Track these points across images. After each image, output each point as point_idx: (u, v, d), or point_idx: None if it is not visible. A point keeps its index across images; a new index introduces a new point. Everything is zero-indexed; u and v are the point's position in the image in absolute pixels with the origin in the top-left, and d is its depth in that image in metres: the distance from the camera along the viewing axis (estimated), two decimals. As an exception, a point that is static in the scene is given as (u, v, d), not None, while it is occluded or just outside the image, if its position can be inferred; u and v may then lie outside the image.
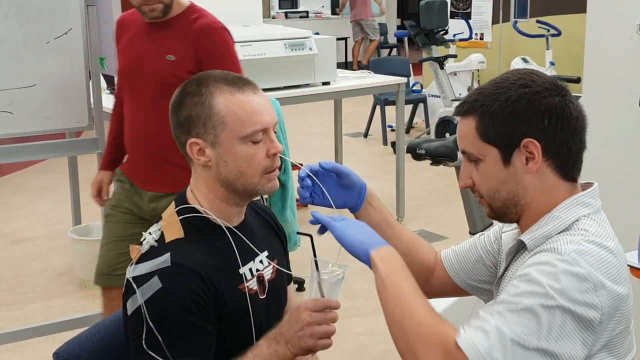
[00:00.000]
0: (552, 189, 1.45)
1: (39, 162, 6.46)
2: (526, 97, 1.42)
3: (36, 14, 2.98)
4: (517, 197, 1.45)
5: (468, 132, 1.46)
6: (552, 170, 1.44)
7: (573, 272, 1.31)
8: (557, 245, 1.36)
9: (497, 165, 1.44)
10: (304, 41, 4.50)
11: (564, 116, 1.42)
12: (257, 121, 1.55)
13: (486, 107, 1.43)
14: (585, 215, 1.43)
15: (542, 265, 1.33)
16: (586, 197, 1.45)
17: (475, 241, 1.71)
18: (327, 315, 1.49)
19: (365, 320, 3.71)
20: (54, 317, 3.69)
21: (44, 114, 3.05)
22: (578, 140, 1.45)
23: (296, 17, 12.79)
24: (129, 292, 1.52)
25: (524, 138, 1.41)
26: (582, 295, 1.31)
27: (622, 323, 1.39)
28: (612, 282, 1.34)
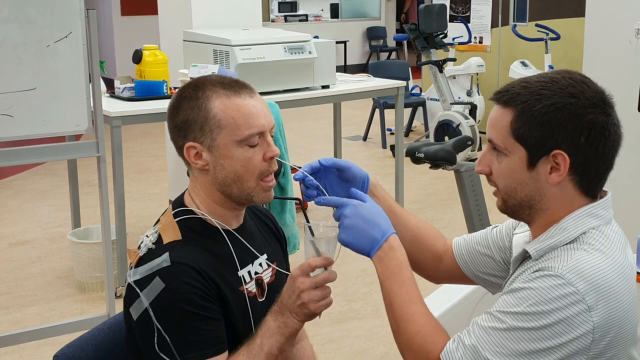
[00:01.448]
0: (570, 201, 1.42)
1: (39, 165, 6.47)
2: (570, 108, 1.37)
3: (36, 17, 2.99)
4: (533, 201, 1.43)
5: (501, 123, 1.42)
6: (574, 185, 1.41)
7: (563, 294, 1.30)
8: (556, 264, 1.34)
9: (521, 166, 1.41)
10: (303, 45, 4.50)
11: (602, 136, 1.38)
12: (253, 124, 1.56)
13: (528, 105, 1.38)
14: (594, 228, 1.40)
15: (536, 282, 1.33)
16: (597, 208, 1.42)
17: (487, 234, 1.70)
18: (318, 277, 1.48)
19: (364, 323, 3.71)
20: (53, 320, 3.69)
21: (44, 117, 3.05)
22: (608, 162, 1.42)
23: (295, 20, 12.80)
24: (132, 297, 1.51)
25: (556, 149, 1.37)
26: (572, 320, 1.29)
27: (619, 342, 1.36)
28: (607, 301, 1.32)
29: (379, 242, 1.48)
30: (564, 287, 1.30)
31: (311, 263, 1.48)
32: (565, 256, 1.36)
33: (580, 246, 1.37)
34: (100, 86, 3.25)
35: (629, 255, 1.43)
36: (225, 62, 4.30)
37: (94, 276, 4.01)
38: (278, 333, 1.50)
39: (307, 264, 1.48)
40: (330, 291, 1.50)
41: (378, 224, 1.49)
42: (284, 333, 1.50)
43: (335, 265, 1.53)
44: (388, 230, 1.49)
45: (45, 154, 3.23)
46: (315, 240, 1.51)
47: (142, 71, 4.28)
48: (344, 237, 1.50)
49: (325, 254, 1.51)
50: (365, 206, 1.51)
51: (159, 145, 6.93)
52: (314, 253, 1.51)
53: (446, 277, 1.75)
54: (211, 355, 1.49)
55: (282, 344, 1.51)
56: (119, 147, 3.83)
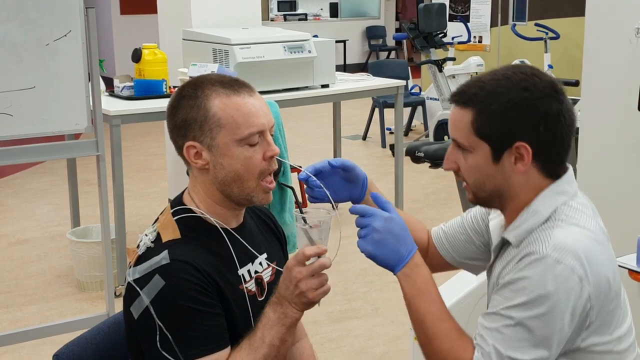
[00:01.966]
0: (537, 185, 1.49)
1: (38, 164, 6.47)
2: (526, 102, 1.44)
3: (36, 16, 2.98)
4: (502, 191, 1.50)
5: (462, 123, 1.48)
6: (538, 170, 1.48)
7: (557, 273, 1.37)
8: (539, 247, 1.41)
9: (487, 160, 1.48)
10: (303, 44, 4.50)
11: (559, 123, 1.46)
12: (253, 123, 1.55)
13: (485, 104, 1.45)
14: (563, 203, 1.47)
15: (528, 270, 1.39)
16: (562, 185, 1.50)
17: (463, 221, 1.76)
18: (314, 265, 1.48)
19: (363, 322, 3.71)
20: (53, 319, 3.69)
21: (43, 116, 3.05)
22: (567, 144, 1.49)
23: (295, 19, 12.80)
24: (132, 296, 1.51)
25: (518, 141, 1.45)
26: (571, 292, 1.37)
27: (611, 303, 1.45)
28: (592, 268, 1.40)
29: (405, 258, 1.51)
30: (556, 266, 1.38)
31: (306, 252, 1.48)
32: (544, 237, 1.42)
33: (554, 223, 1.45)
34: (99, 85, 3.24)
35: (599, 222, 1.51)
36: (224, 61, 4.30)
37: (94, 275, 4.01)
38: (278, 324, 1.51)
39: (301, 253, 1.48)
40: (327, 278, 1.51)
41: (405, 239, 1.52)
42: (285, 324, 1.51)
43: (335, 264, 1.53)
44: (413, 246, 1.53)
45: (44, 153, 3.23)
46: (307, 229, 1.52)
47: (141, 70, 4.27)
48: (371, 250, 1.51)
49: (318, 242, 1.52)
50: (395, 220, 1.53)
51: (158, 144, 6.92)
52: (307, 242, 1.53)
53: (434, 266, 1.78)
54: (213, 351, 1.50)
55: (283, 334, 1.51)
56: (118, 146, 3.83)
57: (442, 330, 1.47)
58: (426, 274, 1.52)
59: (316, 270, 1.48)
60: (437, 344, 1.47)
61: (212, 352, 1.50)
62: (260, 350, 1.50)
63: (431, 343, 1.48)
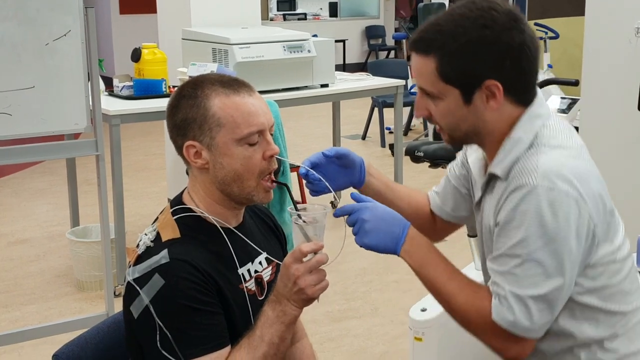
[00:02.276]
0: (511, 115, 1.48)
1: (37, 163, 6.46)
2: (487, 39, 1.42)
3: (35, 15, 2.98)
4: (478, 129, 1.49)
5: (427, 71, 1.46)
6: (510, 102, 1.47)
7: (551, 201, 1.36)
8: (528, 178, 1.39)
9: (458, 104, 1.46)
10: (302, 43, 4.50)
11: (523, 54, 1.43)
12: (252, 123, 1.55)
13: (447, 48, 1.43)
14: (542, 126, 1.47)
15: (523, 205, 1.38)
16: (536, 108, 1.49)
17: (448, 175, 1.77)
18: (311, 262, 1.48)
19: (363, 322, 3.71)
20: (52, 319, 3.69)
21: (43, 116, 3.05)
22: (534, 70, 1.47)
23: (294, 19, 12.80)
24: (132, 295, 1.51)
25: (486, 79, 1.43)
26: (570, 216, 1.37)
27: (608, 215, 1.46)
28: (586, 185, 1.39)
29: (401, 237, 1.51)
30: (549, 194, 1.37)
31: (302, 249, 1.48)
32: (531, 167, 1.41)
33: (538, 149, 1.44)
34: (99, 85, 3.24)
35: (577, 139, 1.50)
36: (224, 60, 4.30)
37: (93, 275, 4.01)
38: (277, 322, 1.51)
39: (298, 250, 1.48)
40: (325, 274, 1.51)
41: (395, 219, 1.53)
42: (284, 321, 1.51)
43: (335, 264, 1.53)
44: (404, 222, 1.53)
45: (43, 153, 3.23)
46: (303, 226, 1.52)
47: (140, 70, 4.27)
48: (367, 241, 1.52)
49: (314, 238, 1.52)
50: (378, 206, 1.54)
51: (157, 144, 6.92)
52: (302, 238, 1.52)
53: (442, 233, 1.83)
54: (213, 350, 1.49)
55: (282, 332, 1.51)
56: (117, 145, 3.83)
57: (454, 289, 1.48)
58: (424, 243, 1.52)
59: (314, 267, 1.48)
60: (454, 303, 1.49)
61: (212, 351, 1.49)
62: (259, 349, 1.50)
63: (449, 303, 1.50)
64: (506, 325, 1.42)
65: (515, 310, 1.40)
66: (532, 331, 1.42)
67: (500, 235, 1.43)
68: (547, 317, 1.42)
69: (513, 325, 1.41)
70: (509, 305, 1.41)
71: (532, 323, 1.41)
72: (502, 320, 1.42)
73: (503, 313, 1.42)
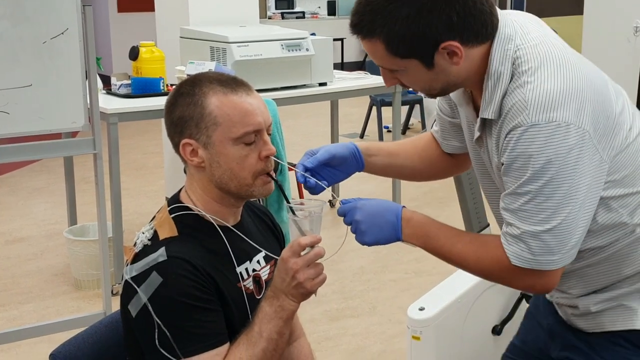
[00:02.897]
0: (480, 54, 1.43)
1: (35, 162, 6.45)
2: (425, 8, 1.36)
3: (32, 13, 2.97)
4: (452, 82, 1.47)
5: (379, 52, 1.43)
6: (474, 46, 1.42)
7: (549, 135, 1.34)
8: (522, 117, 1.36)
9: (422, 71, 1.43)
10: (300, 42, 4.49)
11: (465, 0, 1.37)
12: (249, 122, 1.55)
13: (388, 29, 1.38)
14: (516, 49, 1.41)
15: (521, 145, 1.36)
16: (503, 30, 1.43)
17: (440, 114, 1.74)
18: (310, 255, 1.49)
19: (360, 321, 3.71)
20: (50, 317, 3.69)
21: (40, 114, 3.04)
22: (487, 7, 1.40)
23: (292, 17, 12.79)
24: (130, 294, 1.51)
25: (440, 43, 1.38)
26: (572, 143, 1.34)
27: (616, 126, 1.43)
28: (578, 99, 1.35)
29: (397, 224, 1.52)
30: (545, 128, 1.34)
31: (301, 242, 1.48)
32: (520, 103, 1.38)
33: (522, 78, 1.39)
34: (96, 83, 3.23)
35: (552, 39, 1.44)
36: (222, 59, 4.29)
37: (91, 273, 4.00)
38: (276, 317, 1.51)
39: (297, 244, 1.48)
40: (323, 267, 1.51)
41: (387, 208, 1.53)
42: (282, 317, 1.51)
43: (332, 263, 1.53)
44: (396, 207, 1.54)
45: (41, 151, 3.22)
46: (298, 220, 1.53)
47: (138, 68, 4.26)
48: (368, 240, 1.53)
49: (309, 232, 1.52)
50: (367, 202, 1.54)
51: (155, 143, 6.91)
52: (298, 233, 1.53)
53: (465, 164, 1.80)
54: (212, 347, 1.49)
55: (280, 327, 1.51)
56: (115, 144, 3.82)
57: (462, 250, 1.49)
58: (421, 219, 1.53)
59: (312, 260, 1.49)
60: (468, 263, 1.50)
61: (211, 348, 1.49)
62: (258, 345, 1.50)
63: (464, 265, 1.51)
64: (528, 265, 1.42)
65: (533, 248, 1.40)
66: (556, 262, 1.42)
67: (506, 175, 1.42)
68: (569, 243, 1.40)
69: (535, 262, 1.41)
70: (526, 244, 1.41)
71: (553, 254, 1.40)
72: (522, 261, 1.42)
73: (521, 254, 1.42)
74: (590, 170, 1.38)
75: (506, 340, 2.50)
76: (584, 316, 1.60)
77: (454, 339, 2.31)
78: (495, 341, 2.46)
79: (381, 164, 1.76)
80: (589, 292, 1.57)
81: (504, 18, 1.46)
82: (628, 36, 2.91)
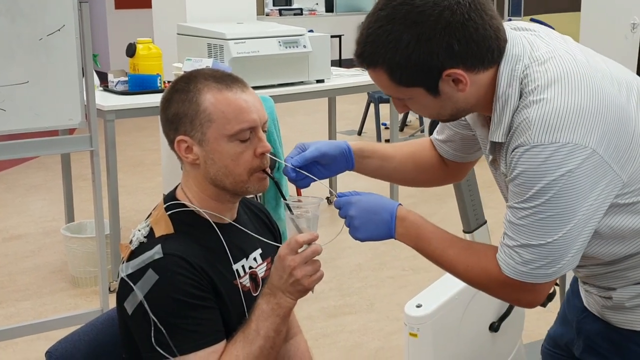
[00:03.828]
0: (488, 77, 1.41)
1: (32, 159, 6.44)
2: (426, 35, 1.33)
3: (29, 10, 2.97)
4: (460, 108, 1.46)
5: (383, 82, 1.42)
6: (480, 71, 1.40)
7: (553, 151, 1.32)
8: (527, 137, 1.34)
9: (427, 98, 1.42)
10: (298, 39, 4.49)
11: (468, 28, 1.34)
12: (244, 119, 1.54)
13: (389, 59, 1.36)
14: (525, 68, 1.39)
15: (525, 163, 1.35)
16: (511, 50, 1.40)
17: (449, 125, 1.72)
18: (307, 252, 1.49)
19: (358, 318, 3.71)
20: (47, 315, 3.68)
21: (37, 111, 3.03)
22: (488, 30, 1.37)
23: (290, 14, 12.77)
24: (126, 291, 1.51)
25: (443, 71, 1.37)
26: (573, 165, 1.33)
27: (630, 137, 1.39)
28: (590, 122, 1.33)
29: (391, 222, 1.52)
30: (548, 149, 1.33)
31: (298, 239, 1.49)
32: (526, 123, 1.35)
33: (529, 98, 1.37)
34: (93, 80, 3.23)
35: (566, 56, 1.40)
36: (219, 55, 4.28)
37: (88, 271, 4.00)
38: (273, 315, 1.50)
39: (294, 241, 1.48)
40: (320, 264, 1.51)
41: (382, 206, 1.53)
42: (279, 314, 1.51)
43: (330, 259, 1.53)
44: (392, 205, 1.53)
45: (38, 148, 3.22)
46: (295, 218, 1.53)
47: (135, 65, 4.26)
48: (361, 235, 1.53)
49: (306, 230, 1.52)
50: (363, 198, 1.54)
51: (152, 139, 6.90)
52: (295, 231, 1.53)
53: (459, 173, 1.81)
54: (208, 345, 1.49)
55: (277, 325, 1.51)
56: (112, 141, 3.82)
57: (454, 256, 1.49)
58: (415, 219, 1.53)
59: (309, 257, 1.49)
60: (458, 269, 1.50)
61: (207, 346, 1.49)
62: (255, 343, 1.50)
63: (453, 271, 1.51)
64: (519, 277, 1.41)
65: (527, 261, 1.39)
66: (549, 276, 1.41)
67: (511, 189, 1.42)
68: (565, 257, 1.39)
69: (527, 275, 1.40)
70: (520, 257, 1.40)
71: (547, 268, 1.39)
72: (515, 273, 1.41)
73: (515, 266, 1.41)
74: (597, 189, 1.36)
75: (503, 337, 2.50)
76: (615, 310, 1.58)
77: (452, 335, 2.31)
78: (492, 338, 2.46)
79: (373, 167, 1.75)
80: (626, 285, 1.54)
81: (512, 36, 1.43)
82: (625, 33, 2.91)
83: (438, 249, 1.50)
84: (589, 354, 1.64)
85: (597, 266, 1.55)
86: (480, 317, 2.42)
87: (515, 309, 2.49)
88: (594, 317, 1.64)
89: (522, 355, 2.64)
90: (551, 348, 1.82)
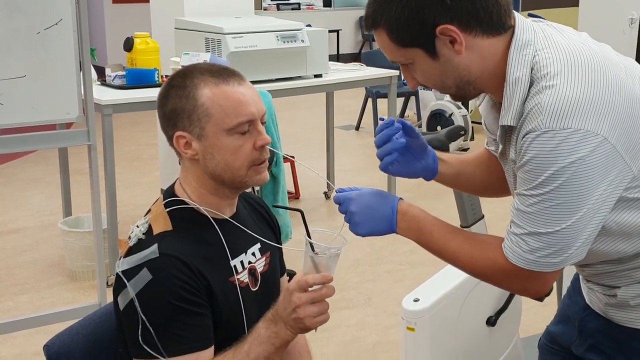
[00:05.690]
0: (490, 50, 1.40)
1: (29, 153, 6.44)
2: None
3: (26, 4, 2.96)
4: (465, 77, 1.43)
5: (385, 44, 1.44)
6: (480, 37, 1.39)
7: (564, 137, 1.31)
8: (538, 122, 1.33)
9: (428, 61, 1.42)
10: (296, 33, 4.48)
11: None
12: (242, 113, 1.54)
13: (387, 15, 1.40)
14: (534, 54, 1.38)
15: (534, 149, 1.34)
16: (519, 37, 1.40)
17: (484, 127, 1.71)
18: (316, 293, 1.47)
19: (356, 312, 3.72)
20: (45, 309, 3.68)
21: (34, 105, 3.03)
22: None
23: (288, 9, 12.75)
24: (120, 287, 1.51)
25: (437, 26, 1.37)
26: (583, 153, 1.31)
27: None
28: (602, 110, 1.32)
29: (392, 217, 1.51)
30: (559, 135, 1.31)
31: (309, 281, 1.46)
32: (538, 108, 1.34)
33: (541, 83, 1.36)
34: (91, 74, 3.22)
35: (576, 44, 1.40)
36: (217, 50, 4.28)
37: (85, 265, 4.00)
38: (267, 342, 1.49)
39: (304, 281, 1.46)
40: (328, 306, 1.49)
41: (383, 201, 1.53)
42: (274, 343, 1.50)
43: (327, 255, 1.52)
44: (393, 199, 1.53)
45: (36, 142, 3.21)
46: (314, 257, 1.49)
47: (133, 59, 4.25)
48: (362, 231, 1.53)
49: (324, 269, 1.49)
50: (363, 193, 1.54)
51: (150, 134, 6.90)
52: (311, 265, 1.49)
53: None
54: (195, 350, 1.48)
55: (270, 353, 1.50)
56: (110, 135, 3.82)
57: (456, 249, 1.49)
58: (417, 213, 1.53)
59: (316, 299, 1.47)
60: (461, 262, 1.49)
61: (193, 352, 1.48)
62: None
63: (457, 264, 1.51)
64: (526, 265, 1.40)
65: (535, 249, 1.39)
66: (556, 264, 1.40)
67: (519, 176, 1.41)
68: (573, 246, 1.38)
69: (534, 264, 1.39)
70: (527, 245, 1.39)
71: (555, 257, 1.38)
72: (522, 261, 1.40)
73: (522, 254, 1.40)
74: (608, 178, 1.35)
75: (501, 331, 2.51)
76: (619, 308, 1.57)
77: (449, 330, 2.32)
78: (489, 332, 2.47)
79: (452, 172, 1.73)
80: (631, 283, 1.53)
81: (524, 23, 1.43)
82: (624, 28, 2.91)
83: (440, 241, 1.50)
84: (591, 352, 1.63)
85: (602, 265, 1.54)
86: (477, 311, 2.43)
87: (513, 303, 2.50)
88: (597, 315, 1.63)
89: (519, 350, 2.64)
90: (549, 343, 1.81)
